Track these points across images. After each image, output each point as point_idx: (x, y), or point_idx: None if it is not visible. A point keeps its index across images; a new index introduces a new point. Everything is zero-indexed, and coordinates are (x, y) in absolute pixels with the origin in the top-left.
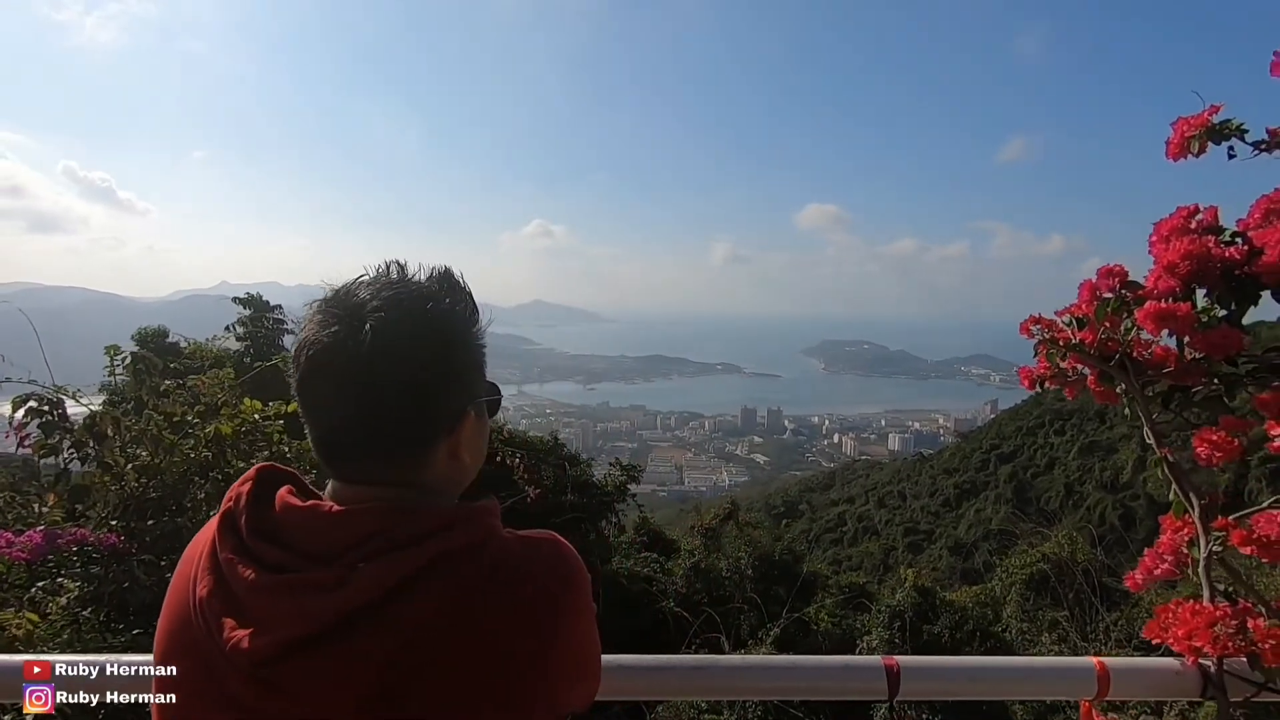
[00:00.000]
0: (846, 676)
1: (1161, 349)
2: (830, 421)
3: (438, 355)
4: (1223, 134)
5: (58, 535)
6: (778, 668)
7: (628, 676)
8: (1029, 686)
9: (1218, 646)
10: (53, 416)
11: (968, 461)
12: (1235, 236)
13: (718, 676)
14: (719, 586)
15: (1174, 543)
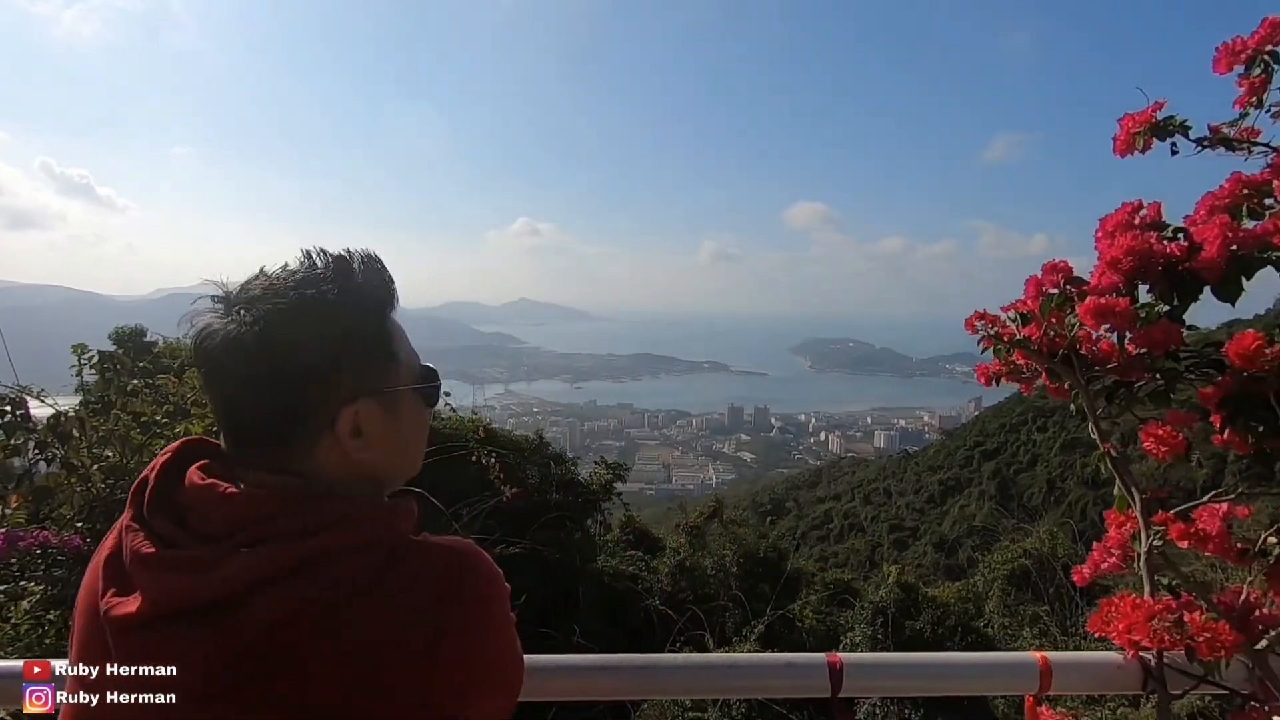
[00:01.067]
0: (790, 674)
1: (1108, 344)
2: (817, 420)
3: (311, 345)
4: (1166, 130)
5: (19, 537)
6: (721, 666)
7: (572, 677)
8: (973, 682)
9: (1156, 640)
10: (15, 417)
11: (952, 458)
12: (1178, 232)
13: (661, 676)
14: (704, 584)
15: (1120, 537)
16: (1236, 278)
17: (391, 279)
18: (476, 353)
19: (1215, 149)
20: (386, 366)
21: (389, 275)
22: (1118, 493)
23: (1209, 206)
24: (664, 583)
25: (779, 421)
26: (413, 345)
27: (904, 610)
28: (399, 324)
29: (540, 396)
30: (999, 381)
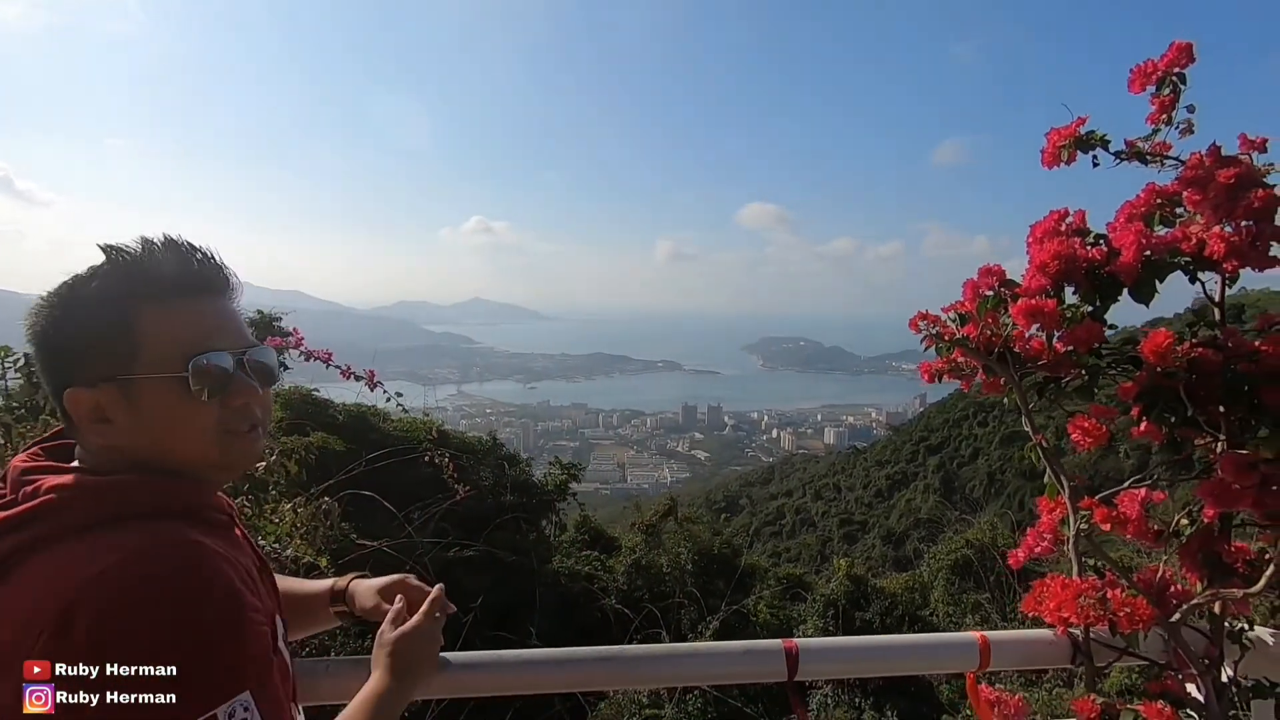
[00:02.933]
0: (748, 660)
1: (1038, 342)
2: (769, 417)
3: (50, 335)
4: (1089, 144)
5: None
6: (682, 655)
7: (535, 670)
8: (918, 661)
9: (1082, 616)
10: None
11: (898, 453)
12: (1099, 239)
13: (625, 667)
14: (660, 582)
15: (1051, 523)
16: (1150, 280)
17: (175, 262)
18: (428, 353)
19: (1131, 162)
20: (126, 355)
21: (192, 263)
22: (1048, 480)
23: (1127, 214)
24: (620, 582)
25: (732, 419)
26: (237, 332)
27: (854, 602)
28: (195, 309)
29: (493, 397)
30: (941, 378)
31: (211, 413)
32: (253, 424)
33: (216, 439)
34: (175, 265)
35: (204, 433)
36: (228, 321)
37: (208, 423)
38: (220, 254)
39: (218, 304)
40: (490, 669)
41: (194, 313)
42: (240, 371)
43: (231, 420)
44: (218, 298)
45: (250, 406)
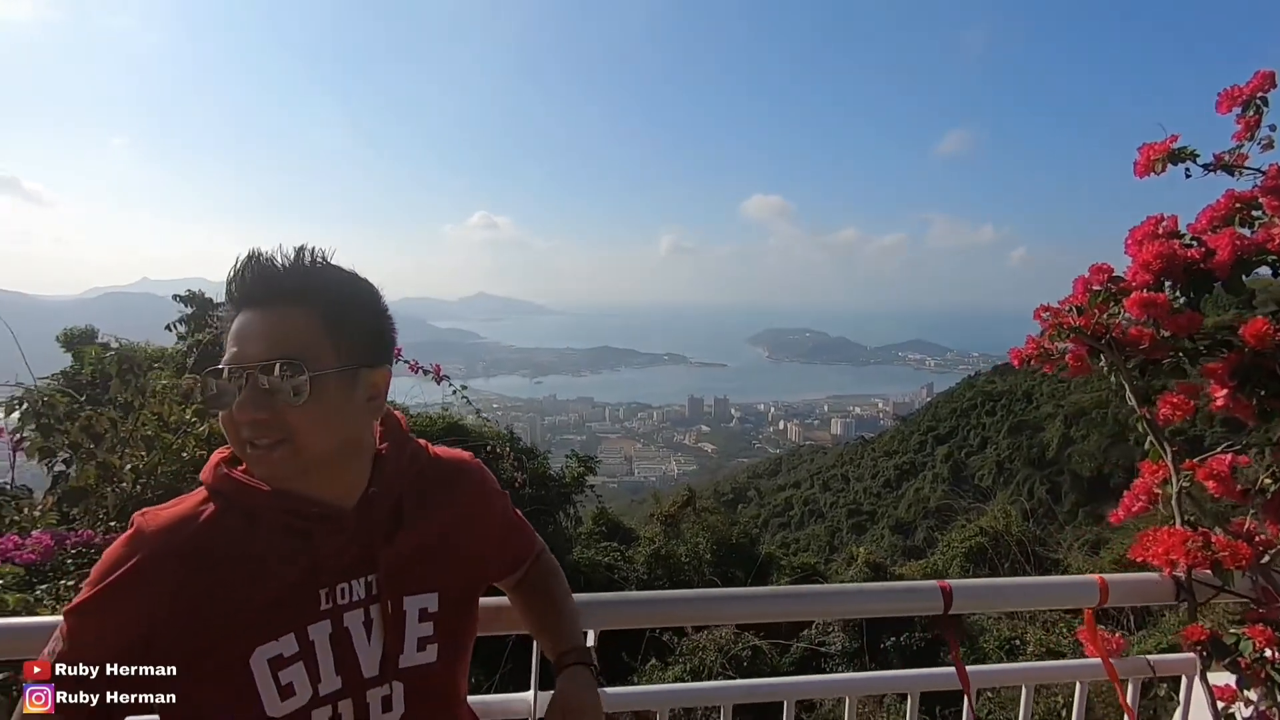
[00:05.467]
0: (909, 597)
1: (1135, 330)
2: (775, 409)
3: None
4: (1180, 158)
5: (65, 537)
6: (851, 593)
7: (722, 605)
8: (1048, 598)
9: (1189, 558)
10: (49, 419)
11: (906, 443)
12: (1194, 239)
13: (802, 601)
14: (679, 572)
15: (1147, 484)
16: (1239, 276)
17: (233, 277)
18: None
19: (1217, 173)
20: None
21: (229, 278)
22: (1149, 446)
23: (1209, 217)
24: (640, 572)
25: (738, 411)
26: (229, 344)
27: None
28: (235, 320)
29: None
30: (1030, 363)
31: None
32: (246, 439)
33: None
34: (232, 274)
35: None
36: (233, 337)
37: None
38: (286, 260)
39: (242, 318)
40: (691, 604)
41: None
42: (211, 389)
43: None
44: (247, 311)
45: (228, 421)
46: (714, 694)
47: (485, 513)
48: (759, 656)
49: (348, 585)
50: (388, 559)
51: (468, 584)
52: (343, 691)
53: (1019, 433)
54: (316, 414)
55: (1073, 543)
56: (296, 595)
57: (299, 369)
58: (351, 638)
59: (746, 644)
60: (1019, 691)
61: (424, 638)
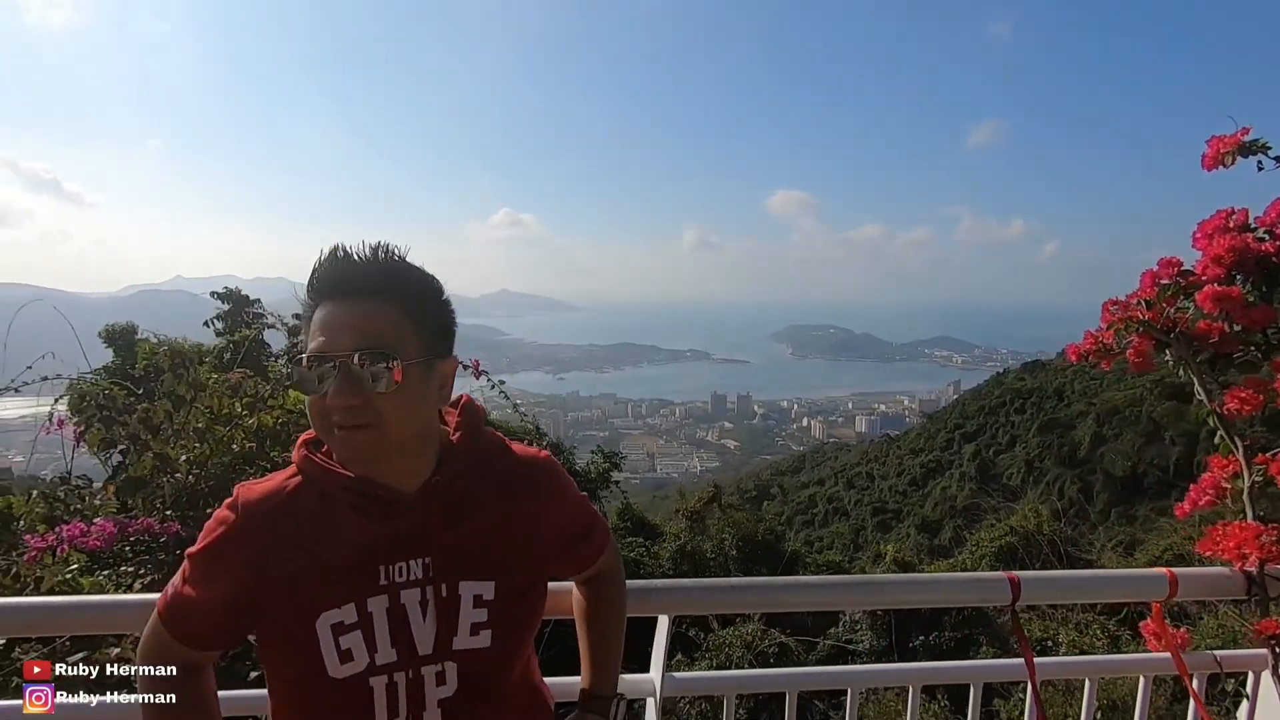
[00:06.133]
0: (977, 587)
1: (1204, 324)
2: (799, 405)
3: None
4: (1251, 150)
5: (127, 525)
6: (920, 583)
7: (790, 592)
8: (1116, 591)
9: (1262, 552)
10: (110, 412)
11: (933, 441)
12: (1267, 233)
13: (871, 591)
14: (704, 568)
15: (1214, 479)
16: None
17: (313, 275)
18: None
19: None
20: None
21: (314, 272)
22: (1219, 440)
23: (1278, 210)
24: (666, 568)
25: (761, 408)
26: (314, 334)
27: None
28: (317, 312)
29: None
30: (1088, 359)
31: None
32: (335, 423)
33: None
34: (315, 267)
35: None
36: (317, 326)
37: (311, 409)
38: (368, 256)
39: (328, 309)
40: (766, 591)
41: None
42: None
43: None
44: (332, 303)
45: (316, 405)
46: (779, 681)
47: (553, 511)
48: (785, 653)
49: (405, 564)
50: (443, 543)
51: (527, 577)
52: (398, 664)
53: (1049, 431)
54: (401, 401)
55: (1105, 543)
56: (357, 569)
57: (390, 358)
58: (408, 614)
59: (773, 640)
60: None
61: (478, 623)
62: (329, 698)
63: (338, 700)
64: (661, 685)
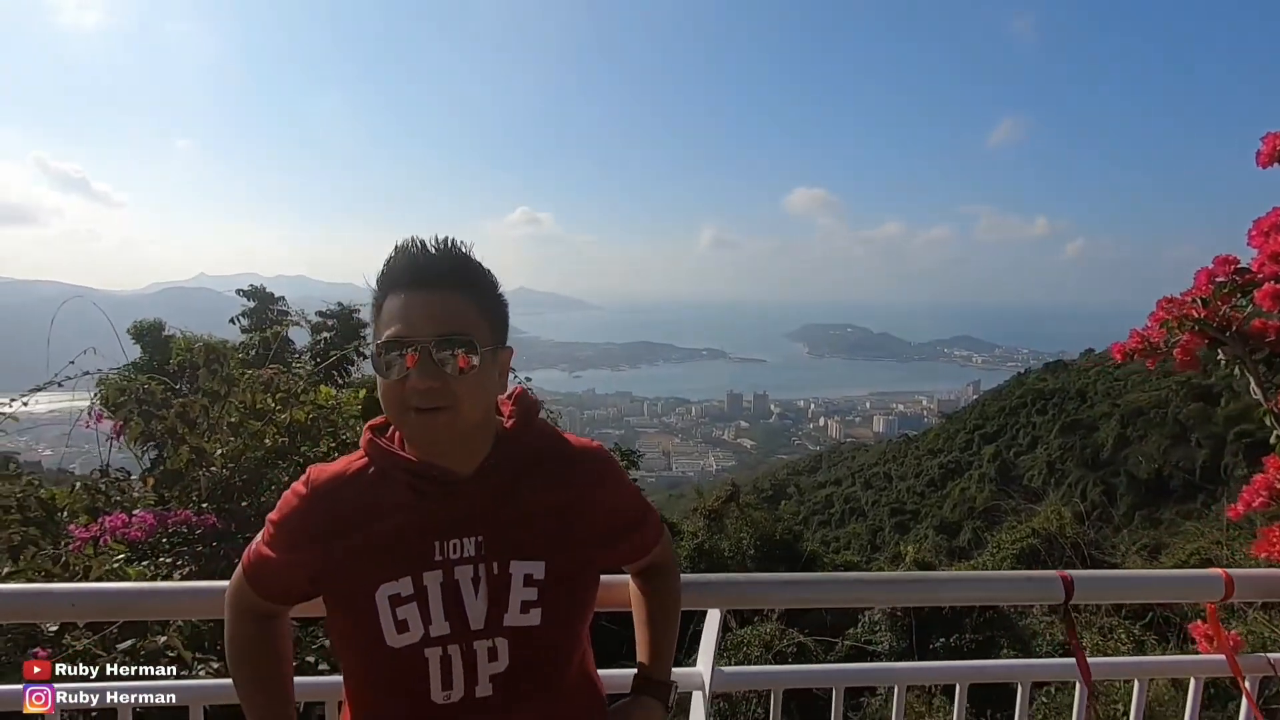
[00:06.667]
0: (1029, 585)
1: (1259, 322)
2: (816, 405)
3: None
4: None
5: (168, 516)
6: (972, 579)
7: (842, 589)
8: (1171, 591)
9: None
10: (149, 406)
11: (952, 442)
12: None
13: (922, 587)
14: (722, 566)
15: (1269, 480)
16: None
17: (389, 266)
18: None
19: None
20: (374, 333)
21: (390, 263)
22: (1274, 441)
23: None
24: (683, 566)
25: (778, 407)
26: (392, 321)
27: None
28: (390, 300)
29: (539, 386)
30: (1134, 357)
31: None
32: (413, 405)
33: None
34: (387, 264)
35: (385, 399)
36: (394, 314)
37: (386, 393)
38: (440, 249)
39: (404, 298)
40: (816, 587)
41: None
42: (378, 357)
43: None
44: (408, 292)
45: (393, 389)
46: (826, 676)
47: (605, 499)
48: (804, 653)
49: (459, 541)
50: (495, 523)
51: (577, 560)
52: (451, 637)
53: (1071, 432)
54: (475, 385)
55: (1130, 547)
56: (414, 544)
57: (467, 344)
58: (460, 589)
59: (792, 640)
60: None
61: (528, 601)
62: (388, 666)
63: (396, 669)
64: (711, 679)
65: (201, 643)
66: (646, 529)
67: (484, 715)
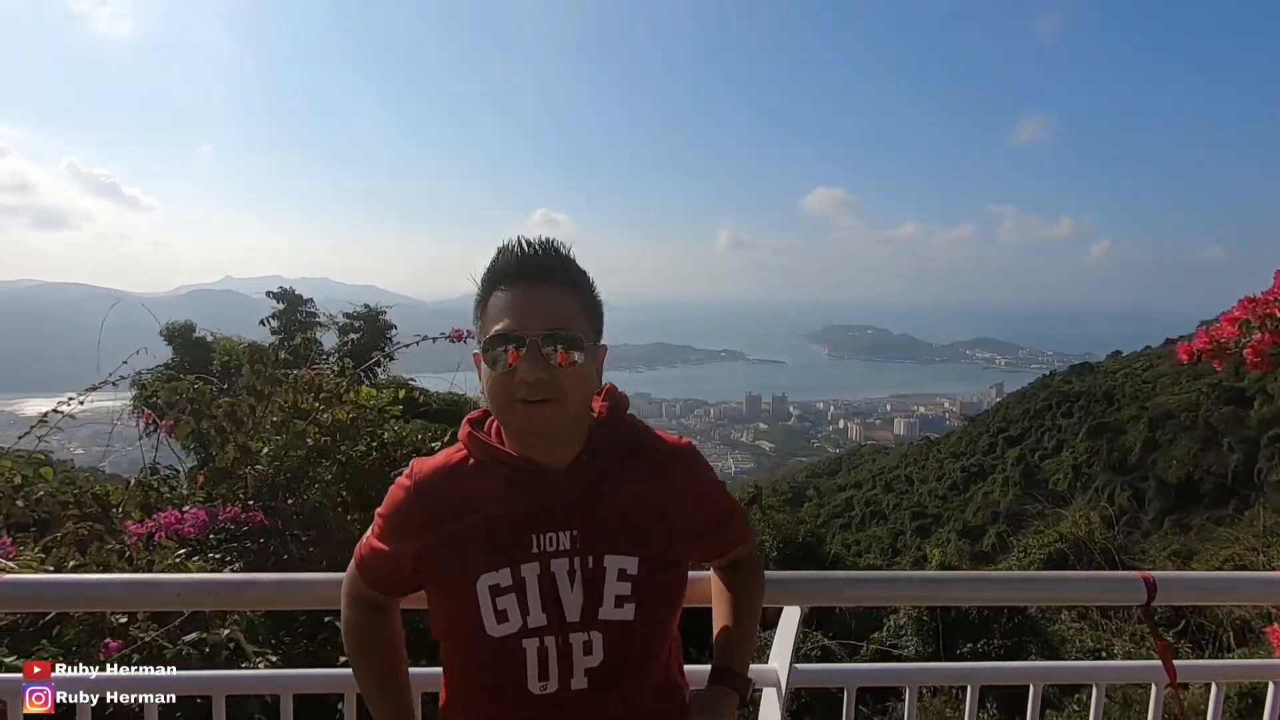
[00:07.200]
0: (1110, 586)
1: None
2: (835, 407)
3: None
4: None
5: (217, 513)
6: (1050, 580)
7: (924, 587)
8: (1257, 594)
9: None
10: (199, 405)
11: (974, 445)
12: None
13: (998, 587)
14: None
15: None
16: None
17: (496, 263)
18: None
19: None
20: (479, 328)
21: (496, 261)
22: None
23: None
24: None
25: (797, 409)
26: (500, 315)
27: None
28: (496, 296)
29: None
30: (1201, 358)
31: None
32: (521, 397)
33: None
34: (495, 262)
35: (494, 393)
36: (502, 309)
37: (496, 387)
38: (544, 249)
39: (512, 294)
40: (899, 585)
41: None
42: (488, 351)
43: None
44: (516, 289)
45: (501, 380)
46: (900, 674)
47: (693, 493)
48: (828, 656)
49: (554, 535)
50: (589, 517)
51: (668, 555)
52: (548, 629)
53: (1098, 435)
54: (579, 378)
55: (1160, 553)
56: (512, 536)
57: (574, 339)
58: (557, 582)
59: (816, 644)
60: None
61: (621, 596)
62: (487, 655)
63: (495, 658)
64: (788, 676)
65: (257, 636)
66: (733, 525)
67: (579, 707)
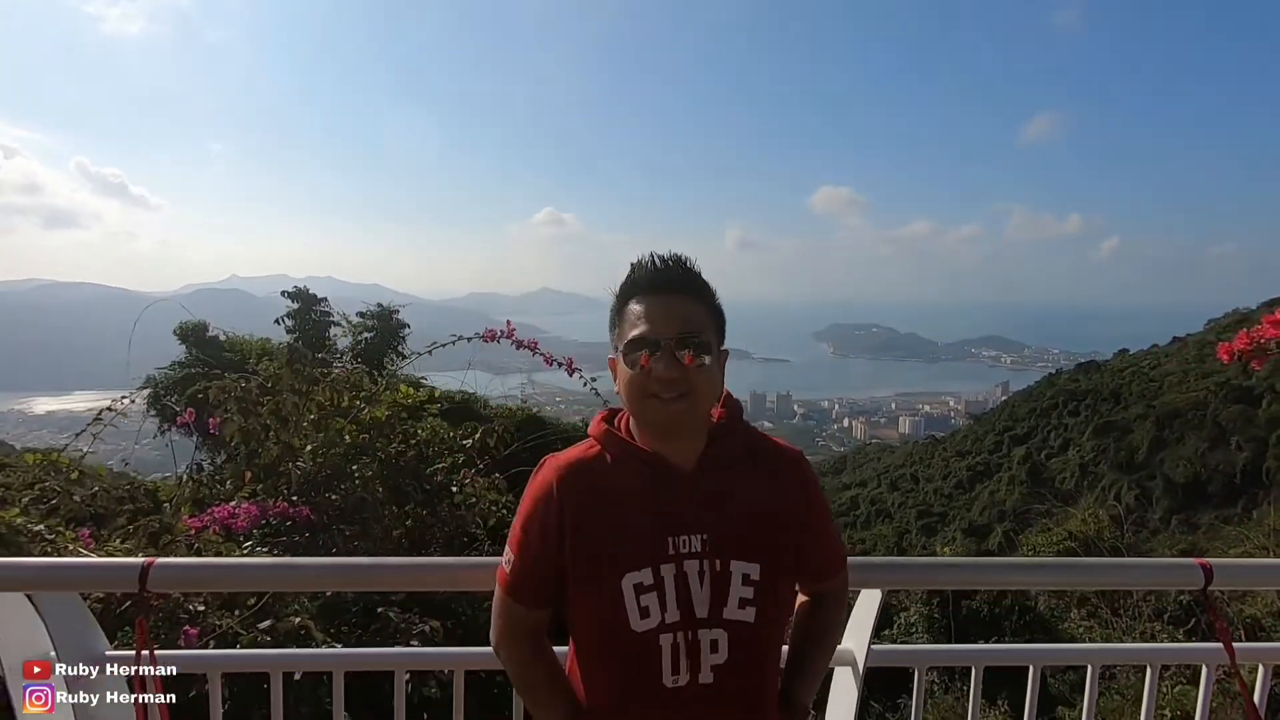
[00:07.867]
0: (1167, 572)
1: None
2: (840, 406)
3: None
4: None
5: (268, 508)
6: (1108, 566)
7: (977, 573)
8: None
9: None
10: (247, 403)
11: (980, 444)
12: None
13: (1058, 573)
14: None
15: None
16: None
17: (632, 276)
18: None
19: None
20: (616, 334)
21: (632, 274)
22: None
23: None
24: None
25: (802, 408)
26: (638, 322)
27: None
28: (633, 304)
29: (562, 386)
30: (1241, 358)
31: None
32: (654, 393)
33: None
34: (630, 276)
35: (630, 390)
36: (639, 316)
37: (632, 385)
38: (675, 262)
39: (648, 302)
40: (965, 570)
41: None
42: (627, 354)
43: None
44: (652, 297)
45: (636, 378)
46: (966, 655)
47: (806, 504)
48: None
49: (688, 538)
50: (716, 522)
51: (784, 565)
52: (681, 624)
53: (1105, 434)
54: (708, 379)
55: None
56: (652, 537)
57: (705, 343)
58: (689, 581)
59: None
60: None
61: (744, 599)
62: (628, 649)
63: (635, 651)
64: (866, 656)
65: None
66: (834, 550)
67: (706, 702)
